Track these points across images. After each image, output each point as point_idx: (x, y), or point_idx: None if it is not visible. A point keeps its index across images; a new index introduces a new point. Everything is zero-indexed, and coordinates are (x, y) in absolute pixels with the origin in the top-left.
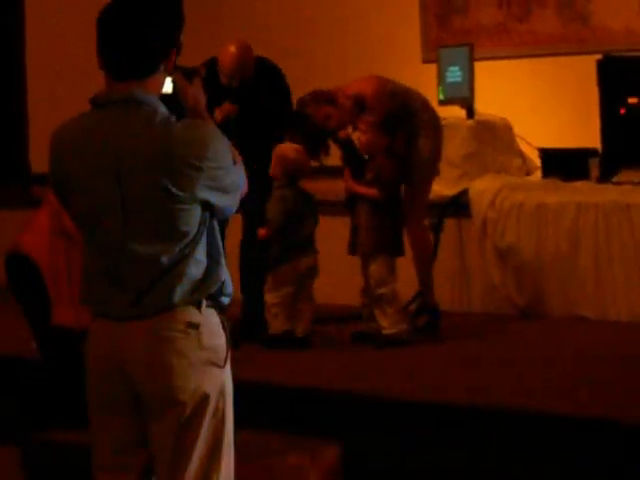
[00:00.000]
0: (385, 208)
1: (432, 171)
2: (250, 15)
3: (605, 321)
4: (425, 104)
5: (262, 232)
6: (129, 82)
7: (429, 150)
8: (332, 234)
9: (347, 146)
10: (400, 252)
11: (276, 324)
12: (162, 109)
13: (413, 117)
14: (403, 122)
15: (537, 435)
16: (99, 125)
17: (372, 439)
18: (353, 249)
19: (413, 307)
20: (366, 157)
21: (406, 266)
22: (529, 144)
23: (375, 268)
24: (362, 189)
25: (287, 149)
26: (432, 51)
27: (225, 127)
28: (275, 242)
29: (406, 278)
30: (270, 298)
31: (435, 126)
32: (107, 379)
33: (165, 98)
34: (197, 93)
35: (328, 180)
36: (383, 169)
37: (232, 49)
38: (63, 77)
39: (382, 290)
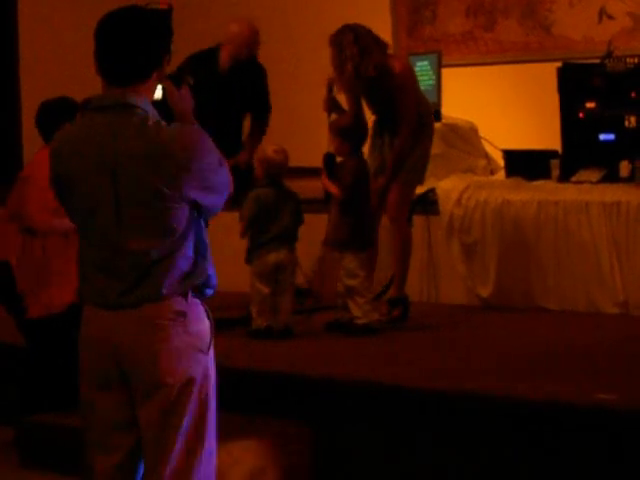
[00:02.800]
0: (348, 206)
1: (417, 175)
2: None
3: (564, 311)
4: (430, 111)
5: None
6: (124, 88)
7: (418, 154)
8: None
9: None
10: (367, 247)
11: (259, 320)
12: (154, 114)
13: (420, 116)
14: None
15: (500, 416)
16: (96, 127)
17: (345, 422)
18: (326, 242)
19: (385, 297)
20: (337, 159)
21: (378, 258)
22: (493, 146)
23: (345, 262)
24: (330, 187)
25: (268, 150)
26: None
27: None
28: (247, 238)
29: (377, 270)
30: (253, 295)
31: (429, 134)
32: (99, 362)
33: (156, 104)
34: (185, 99)
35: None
36: (343, 171)
37: (249, 25)
38: (57, 79)
39: (352, 282)
